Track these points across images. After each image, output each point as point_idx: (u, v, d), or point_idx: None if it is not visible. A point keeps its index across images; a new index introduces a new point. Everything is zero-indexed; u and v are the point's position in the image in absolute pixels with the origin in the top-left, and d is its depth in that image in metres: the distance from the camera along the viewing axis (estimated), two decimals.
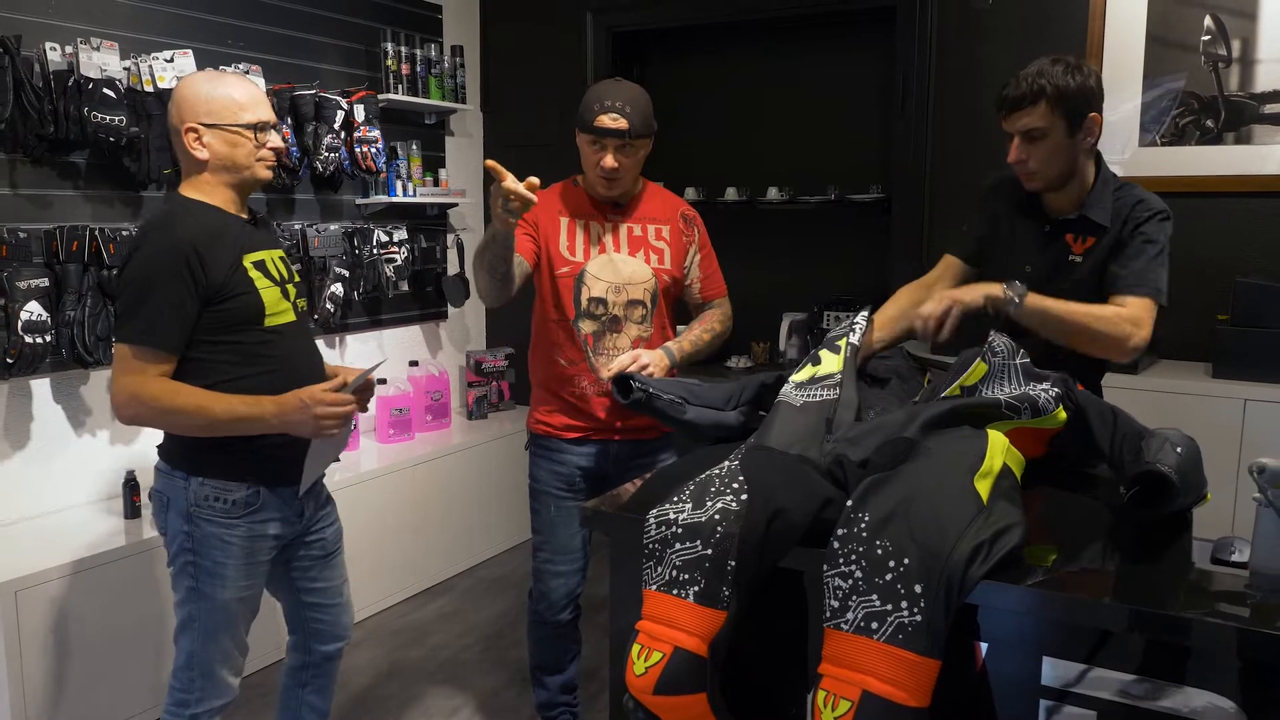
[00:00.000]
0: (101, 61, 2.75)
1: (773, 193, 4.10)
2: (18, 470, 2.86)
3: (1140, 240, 1.92)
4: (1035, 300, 1.83)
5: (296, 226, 3.53)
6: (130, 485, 2.91)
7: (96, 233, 2.80)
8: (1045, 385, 1.68)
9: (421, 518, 3.78)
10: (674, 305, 2.43)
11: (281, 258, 2.05)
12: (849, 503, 1.34)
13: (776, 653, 1.53)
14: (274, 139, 1.97)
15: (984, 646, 1.37)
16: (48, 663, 2.52)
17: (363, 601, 3.54)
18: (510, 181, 1.91)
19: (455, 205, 4.41)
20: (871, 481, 1.37)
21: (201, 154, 1.91)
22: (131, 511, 2.91)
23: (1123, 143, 3.27)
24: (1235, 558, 1.54)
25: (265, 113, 1.96)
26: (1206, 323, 3.09)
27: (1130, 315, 1.86)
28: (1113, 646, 1.28)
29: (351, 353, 3.97)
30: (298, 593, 2.16)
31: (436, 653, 3.31)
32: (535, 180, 1.96)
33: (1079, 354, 1.90)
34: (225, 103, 1.90)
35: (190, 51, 3.00)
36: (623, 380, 1.89)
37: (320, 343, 2.43)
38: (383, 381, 3.78)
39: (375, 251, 3.83)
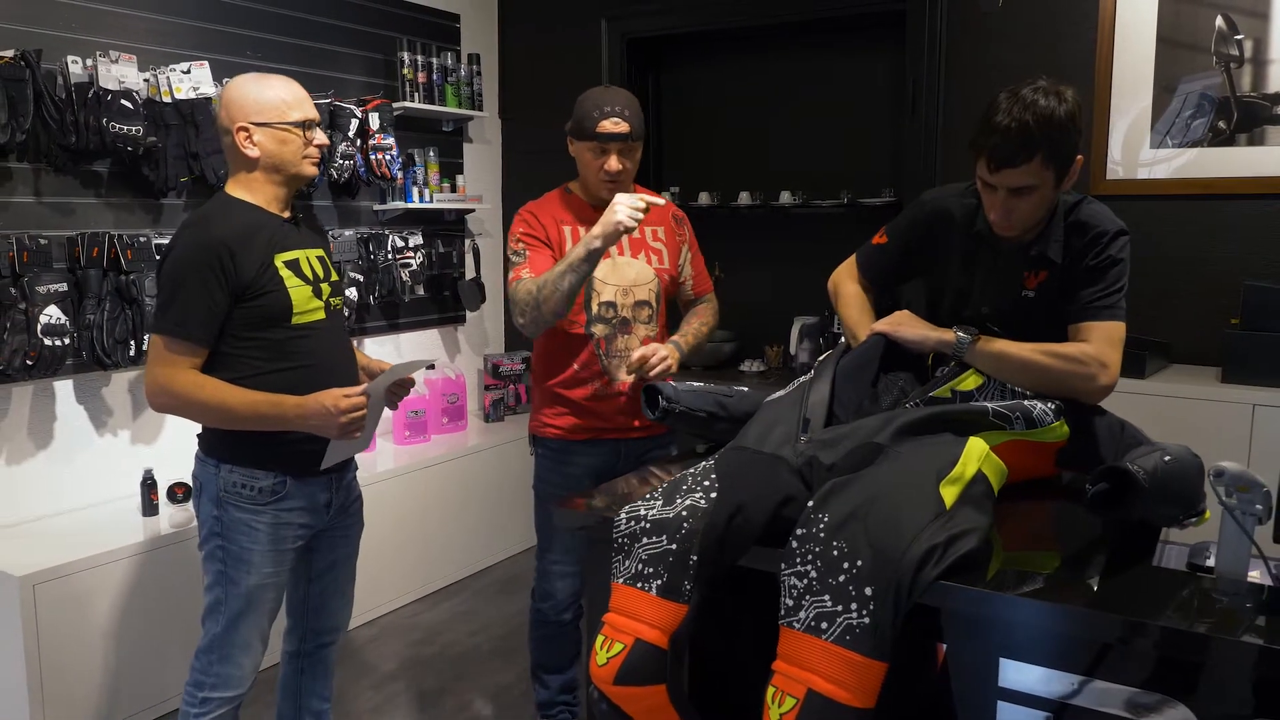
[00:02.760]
0: (120, 74, 2.84)
1: (785, 197, 4.11)
2: (40, 468, 2.95)
3: (1105, 263, 1.74)
4: (987, 344, 1.72)
5: None
6: (148, 484, 2.99)
7: (115, 239, 2.88)
8: (1047, 399, 1.66)
9: (437, 519, 3.84)
10: (668, 304, 2.48)
11: (320, 257, 2.11)
12: (810, 504, 1.36)
13: (745, 650, 1.55)
14: (319, 136, 2.05)
15: (943, 647, 1.38)
16: (65, 656, 2.60)
17: (377, 600, 3.60)
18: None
19: (472, 211, 4.46)
20: (835, 483, 1.39)
21: (252, 152, 1.97)
22: (149, 509, 2.99)
23: (1134, 146, 3.24)
24: (1210, 562, 1.54)
25: (311, 110, 2.04)
26: (1218, 327, 3.05)
27: (1097, 353, 1.68)
28: (1071, 650, 1.28)
29: (370, 355, 4.02)
30: (307, 581, 2.21)
31: (448, 650, 3.36)
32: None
33: None
34: (274, 102, 1.98)
35: (206, 63, 3.08)
36: (650, 393, 1.93)
37: None
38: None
39: (390, 256, 3.90)
